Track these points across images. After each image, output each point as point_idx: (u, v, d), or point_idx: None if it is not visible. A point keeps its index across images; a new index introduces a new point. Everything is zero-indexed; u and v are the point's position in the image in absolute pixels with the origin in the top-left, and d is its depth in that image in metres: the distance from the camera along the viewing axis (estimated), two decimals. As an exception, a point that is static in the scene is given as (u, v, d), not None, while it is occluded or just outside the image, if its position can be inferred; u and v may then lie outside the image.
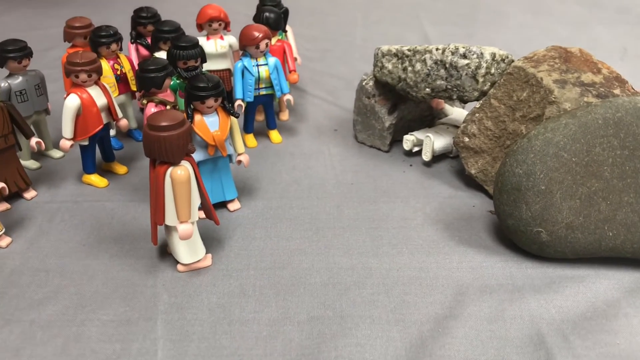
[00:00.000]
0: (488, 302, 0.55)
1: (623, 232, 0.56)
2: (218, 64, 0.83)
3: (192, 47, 0.71)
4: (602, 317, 0.54)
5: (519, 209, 0.58)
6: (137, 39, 0.85)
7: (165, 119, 0.53)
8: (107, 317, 0.54)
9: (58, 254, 0.62)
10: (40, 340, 0.52)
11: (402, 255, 0.61)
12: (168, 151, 0.53)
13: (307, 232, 0.65)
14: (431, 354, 0.50)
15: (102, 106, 0.69)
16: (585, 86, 0.63)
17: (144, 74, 0.66)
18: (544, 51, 0.68)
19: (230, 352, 0.51)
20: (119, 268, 0.60)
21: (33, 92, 0.74)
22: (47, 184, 0.73)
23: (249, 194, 0.71)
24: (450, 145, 0.76)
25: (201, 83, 0.61)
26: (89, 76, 0.67)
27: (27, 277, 0.59)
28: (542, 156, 0.56)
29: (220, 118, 0.63)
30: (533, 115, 0.64)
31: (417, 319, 0.54)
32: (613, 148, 0.56)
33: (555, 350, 0.50)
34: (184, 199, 0.55)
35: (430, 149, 0.74)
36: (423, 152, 0.76)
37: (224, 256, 0.61)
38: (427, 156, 0.75)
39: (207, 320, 0.54)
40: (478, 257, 0.61)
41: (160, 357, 0.50)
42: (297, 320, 0.54)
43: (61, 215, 0.68)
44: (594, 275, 0.58)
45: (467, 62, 0.68)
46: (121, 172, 0.76)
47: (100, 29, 0.77)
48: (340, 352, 0.51)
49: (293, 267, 0.60)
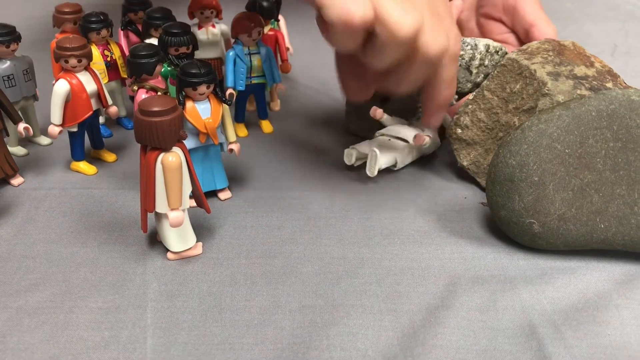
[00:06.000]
0: (480, 293, 0.55)
1: (615, 224, 0.57)
2: (209, 53, 0.83)
3: (184, 33, 0.70)
4: (593, 308, 0.54)
5: (512, 200, 0.58)
6: (128, 25, 0.84)
7: (157, 104, 0.53)
8: (96, 305, 0.53)
9: (45, 241, 0.61)
10: (28, 327, 0.51)
11: (394, 245, 0.61)
12: (159, 137, 0.53)
13: (298, 221, 0.64)
14: (423, 343, 0.50)
15: (92, 92, 0.68)
16: (578, 79, 0.63)
17: (135, 59, 0.65)
18: (538, 44, 0.68)
19: (220, 340, 0.50)
20: (108, 255, 0.59)
21: (21, 77, 0.72)
22: (34, 170, 0.72)
23: (240, 183, 0.71)
24: (395, 158, 0.71)
25: (193, 69, 0.60)
26: (78, 61, 0.66)
27: (13, 264, 0.58)
28: (536, 147, 0.56)
29: (212, 105, 0.62)
30: (526, 107, 0.64)
31: (409, 309, 0.53)
32: (606, 140, 0.56)
33: (546, 341, 0.50)
34: (175, 185, 0.55)
35: (376, 164, 0.68)
36: (368, 167, 0.69)
37: (214, 244, 0.61)
38: (371, 172, 0.68)
39: (198, 309, 0.53)
40: (470, 248, 0.61)
41: (150, 345, 0.50)
42: (288, 309, 0.53)
43: (49, 202, 0.67)
44: (585, 267, 0.58)
45: (461, 53, 0.68)
46: (110, 159, 0.75)
47: (90, 15, 0.76)
48: (332, 340, 0.50)
49: (284, 256, 0.59)
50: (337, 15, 0.52)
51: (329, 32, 0.55)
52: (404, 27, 0.54)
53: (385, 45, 0.55)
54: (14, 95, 0.72)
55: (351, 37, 0.54)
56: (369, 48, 0.57)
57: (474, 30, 0.84)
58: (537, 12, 0.77)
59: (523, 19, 0.77)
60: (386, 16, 0.53)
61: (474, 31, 0.84)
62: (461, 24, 0.86)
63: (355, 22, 0.52)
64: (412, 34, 0.54)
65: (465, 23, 0.86)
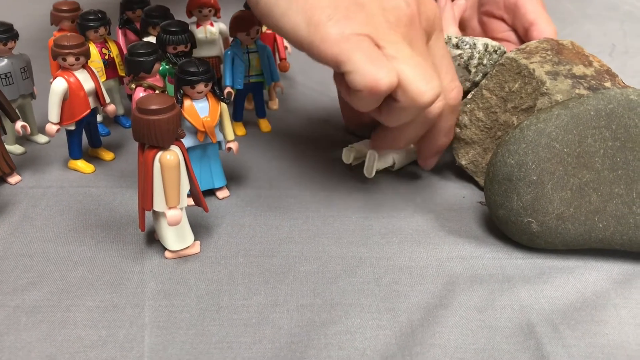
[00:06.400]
0: (478, 292, 0.55)
1: (613, 223, 0.57)
2: (207, 51, 0.83)
3: (182, 31, 0.70)
4: (591, 307, 0.54)
5: (510, 199, 0.57)
6: (126, 23, 0.83)
7: (155, 102, 0.53)
8: (93, 303, 0.53)
9: (43, 239, 0.61)
10: (25, 325, 0.51)
11: (392, 244, 0.61)
12: (157, 135, 0.53)
13: (296, 220, 0.64)
14: (421, 342, 0.50)
15: (90, 90, 0.68)
16: (576, 78, 0.63)
17: (133, 57, 0.65)
18: (537, 43, 0.68)
19: (218, 339, 0.50)
20: (105, 254, 0.59)
21: (18, 76, 0.72)
22: (32, 169, 0.72)
23: (238, 182, 0.71)
24: (393, 159, 0.70)
25: (191, 67, 0.60)
26: (76, 59, 0.66)
27: (10, 262, 0.57)
28: (534, 146, 0.56)
29: (210, 104, 0.62)
30: (525, 106, 0.64)
31: (407, 308, 0.53)
32: (605, 139, 0.56)
33: (544, 340, 0.50)
34: (173, 184, 0.54)
35: (374, 165, 0.68)
36: (365, 168, 0.69)
37: (212, 243, 0.61)
38: (369, 173, 0.68)
39: (195, 307, 0.53)
40: (468, 247, 0.61)
41: (147, 344, 0.50)
42: (286, 308, 0.53)
43: (46, 200, 0.66)
44: (584, 267, 0.58)
45: (460, 52, 0.68)
46: (108, 158, 0.75)
47: (88, 13, 0.75)
48: (330, 339, 0.50)
49: (282, 255, 0.59)
50: (365, 82, 0.53)
51: (350, 94, 0.56)
52: (425, 96, 0.55)
53: (404, 110, 0.56)
54: (11, 93, 0.72)
55: (373, 101, 0.55)
56: (384, 109, 0.58)
57: (476, 29, 0.84)
58: (539, 11, 0.77)
59: (524, 17, 0.77)
60: (409, 85, 0.54)
61: (476, 30, 0.84)
62: (464, 22, 0.86)
63: (381, 90, 0.53)
64: (432, 102, 0.55)
65: (468, 22, 0.86)
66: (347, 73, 0.54)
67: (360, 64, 0.53)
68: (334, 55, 0.54)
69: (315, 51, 0.55)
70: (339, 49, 0.53)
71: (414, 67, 0.54)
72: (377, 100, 0.55)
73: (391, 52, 0.54)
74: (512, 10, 0.78)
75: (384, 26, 0.55)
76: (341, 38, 0.54)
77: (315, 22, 0.54)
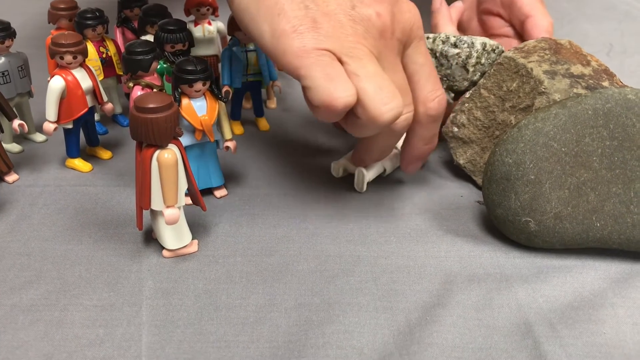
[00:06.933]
0: (476, 291, 0.55)
1: (610, 223, 0.57)
2: (205, 50, 0.82)
3: (180, 30, 0.70)
4: (588, 306, 0.54)
5: (508, 198, 0.57)
6: (124, 22, 0.83)
7: (153, 100, 0.52)
8: (91, 302, 0.53)
9: (40, 238, 0.61)
10: (22, 324, 0.51)
11: (390, 243, 0.61)
12: (155, 134, 0.53)
13: (294, 219, 0.64)
14: (419, 341, 0.50)
15: (87, 89, 0.68)
16: (574, 78, 0.63)
17: (131, 56, 0.65)
18: (535, 42, 0.68)
19: (216, 338, 0.50)
20: (103, 253, 0.59)
21: (16, 74, 0.72)
22: (29, 167, 0.72)
23: (236, 181, 0.71)
24: (383, 166, 0.70)
25: (189, 66, 0.60)
26: (74, 58, 0.66)
27: (8, 261, 0.57)
28: (532, 146, 0.56)
29: (208, 103, 0.62)
30: (523, 105, 0.64)
31: (405, 307, 0.53)
32: (602, 139, 0.56)
33: (542, 339, 0.50)
34: (170, 182, 0.54)
35: (363, 181, 0.68)
36: (356, 183, 0.69)
37: (210, 242, 0.61)
38: (360, 188, 0.68)
39: (193, 306, 0.53)
40: (466, 246, 0.61)
41: (145, 343, 0.50)
42: (284, 307, 0.53)
43: (44, 199, 0.66)
44: (581, 266, 0.58)
45: (458, 51, 0.68)
46: (105, 157, 0.74)
47: (86, 11, 0.75)
48: (328, 338, 0.50)
49: (280, 254, 0.59)
50: (321, 100, 0.52)
51: (311, 107, 0.55)
52: (384, 116, 0.53)
53: (364, 125, 0.55)
54: (8, 91, 0.71)
55: (333, 117, 0.54)
56: (348, 121, 0.57)
57: (476, 30, 0.84)
58: (534, 3, 0.77)
59: (520, 11, 0.77)
60: (368, 104, 0.53)
61: (476, 30, 0.84)
62: (463, 24, 0.86)
63: (337, 109, 0.52)
64: (391, 121, 0.54)
65: (467, 23, 0.85)
66: (306, 88, 0.53)
67: (318, 81, 0.52)
68: (294, 68, 0.53)
69: (277, 61, 0.55)
70: (300, 63, 0.52)
71: (374, 86, 0.53)
72: (336, 116, 0.54)
73: (353, 69, 0.53)
74: (508, 5, 0.78)
75: (350, 39, 0.54)
76: (303, 52, 0.52)
77: (279, 32, 0.53)
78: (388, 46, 0.56)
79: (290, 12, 0.54)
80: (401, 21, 0.57)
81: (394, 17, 0.56)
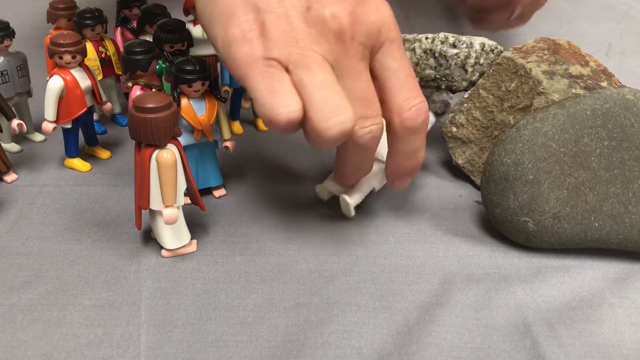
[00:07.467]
0: (474, 291, 0.55)
1: (609, 223, 0.57)
2: (204, 50, 0.82)
3: (179, 30, 0.70)
4: (587, 306, 0.54)
5: (507, 198, 0.58)
6: (123, 22, 0.83)
7: (152, 100, 0.52)
8: (89, 302, 0.53)
9: (39, 237, 0.60)
10: (21, 324, 0.51)
11: (389, 243, 0.61)
12: (154, 133, 0.53)
13: (293, 219, 0.64)
14: (418, 341, 0.50)
15: (86, 88, 0.68)
16: (573, 78, 0.63)
17: (130, 55, 0.65)
18: (533, 42, 0.68)
19: (215, 337, 0.50)
20: (102, 252, 0.59)
21: (15, 74, 0.72)
22: (28, 167, 0.72)
23: (235, 180, 0.71)
24: (370, 185, 0.64)
25: (188, 66, 0.60)
26: (73, 57, 0.66)
27: (6, 261, 0.57)
28: (531, 146, 0.57)
29: (207, 102, 0.62)
30: (521, 105, 0.64)
31: (404, 307, 0.53)
32: (601, 139, 0.56)
33: (541, 339, 0.51)
34: (169, 182, 0.54)
35: (349, 206, 0.63)
36: (343, 209, 0.64)
37: (209, 242, 0.61)
38: (348, 214, 0.64)
39: (192, 306, 0.53)
40: (465, 246, 0.61)
41: (144, 342, 0.50)
42: (283, 307, 0.53)
43: (42, 199, 0.66)
44: (580, 266, 0.59)
45: (457, 51, 0.68)
46: (104, 156, 0.74)
47: (85, 11, 0.75)
48: (327, 338, 0.50)
49: (279, 254, 0.59)
50: (264, 114, 0.49)
51: None
52: (329, 132, 0.48)
53: (314, 140, 0.51)
54: (7, 91, 0.71)
55: (281, 132, 0.51)
56: (305, 133, 0.52)
57: None
58: None
59: None
60: (313, 118, 0.48)
61: None
62: None
63: (280, 124, 0.49)
64: (339, 136, 0.49)
65: None
66: (253, 100, 0.50)
67: (261, 93, 0.49)
68: (241, 77, 0.50)
69: (227, 67, 0.52)
70: (245, 73, 0.50)
71: (320, 98, 0.48)
72: (284, 131, 0.50)
73: (299, 79, 0.49)
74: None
75: (300, 44, 0.49)
76: (250, 61, 0.49)
77: (229, 38, 0.50)
78: (348, 51, 0.51)
79: (242, 15, 0.50)
80: (365, 22, 0.51)
81: (356, 19, 0.50)
